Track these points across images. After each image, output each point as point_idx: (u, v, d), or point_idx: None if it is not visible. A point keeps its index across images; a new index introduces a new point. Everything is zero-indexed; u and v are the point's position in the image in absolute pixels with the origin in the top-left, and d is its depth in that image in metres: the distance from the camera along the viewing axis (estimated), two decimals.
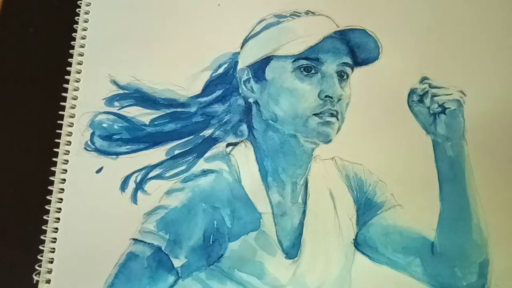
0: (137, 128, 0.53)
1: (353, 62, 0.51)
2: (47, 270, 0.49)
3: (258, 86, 0.52)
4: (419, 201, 0.50)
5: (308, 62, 0.50)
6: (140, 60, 0.56)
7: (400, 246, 0.49)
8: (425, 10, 0.58)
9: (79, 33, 0.58)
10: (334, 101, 0.49)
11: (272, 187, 0.50)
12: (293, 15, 0.53)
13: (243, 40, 0.54)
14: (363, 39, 0.50)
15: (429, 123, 0.50)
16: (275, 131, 0.51)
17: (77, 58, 0.57)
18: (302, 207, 0.51)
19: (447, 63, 0.55)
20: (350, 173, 0.52)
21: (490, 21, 0.57)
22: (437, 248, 0.48)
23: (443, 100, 0.49)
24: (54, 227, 0.51)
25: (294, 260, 0.49)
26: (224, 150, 0.52)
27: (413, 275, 0.48)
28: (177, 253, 0.47)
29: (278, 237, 0.49)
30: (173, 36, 0.58)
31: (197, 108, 0.54)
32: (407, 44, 0.56)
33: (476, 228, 0.48)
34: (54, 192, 0.52)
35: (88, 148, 0.53)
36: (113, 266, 0.47)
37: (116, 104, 0.54)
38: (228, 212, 0.48)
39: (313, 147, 0.51)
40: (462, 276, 0.48)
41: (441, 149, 0.49)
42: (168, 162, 0.52)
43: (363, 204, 0.51)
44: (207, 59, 0.55)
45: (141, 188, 0.51)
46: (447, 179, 0.48)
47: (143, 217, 0.49)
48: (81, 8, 0.59)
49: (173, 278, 0.47)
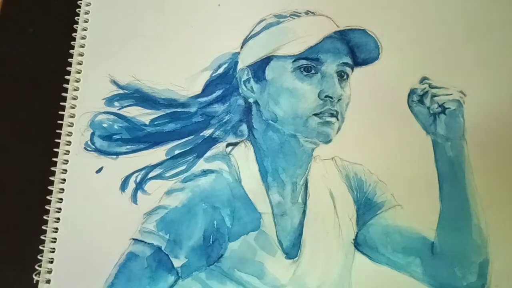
0: (137, 128, 0.53)
1: (353, 62, 0.51)
2: (47, 270, 0.49)
3: (258, 86, 0.52)
4: (419, 201, 0.50)
5: (308, 62, 0.50)
6: (140, 60, 0.56)
7: (400, 246, 0.49)
8: (425, 10, 0.58)
9: (79, 33, 0.58)
10: (334, 101, 0.49)
11: (272, 187, 0.50)
12: (293, 15, 0.53)
13: (243, 40, 0.54)
14: (363, 39, 0.50)
15: (429, 123, 0.50)
16: (275, 131, 0.51)
17: (77, 58, 0.57)
18: (302, 207, 0.51)
19: (447, 63, 0.55)
20: (350, 173, 0.52)
21: (490, 21, 0.57)
22: (437, 248, 0.48)
23: (443, 100, 0.49)
24: (54, 227, 0.51)
25: (294, 260, 0.49)
26: (224, 150, 0.52)
27: (413, 275, 0.48)
28: (177, 253, 0.47)
29: (278, 237, 0.49)
30: (173, 36, 0.57)
31: (197, 108, 0.54)
32: (407, 44, 0.56)
33: (476, 228, 0.48)
34: (54, 192, 0.52)
35: (88, 148, 0.53)
36: (113, 266, 0.47)
37: (116, 104, 0.54)
38: (228, 212, 0.48)
39: (313, 147, 0.51)
40: (462, 276, 0.48)
41: (441, 149, 0.49)
42: (168, 162, 0.52)
43: (363, 204, 0.51)
44: (207, 59, 0.55)
45: (141, 188, 0.51)
46: (447, 179, 0.48)
47: (143, 217, 0.49)
48: (81, 8, 0.59)
49: (173, 278, 0.46)
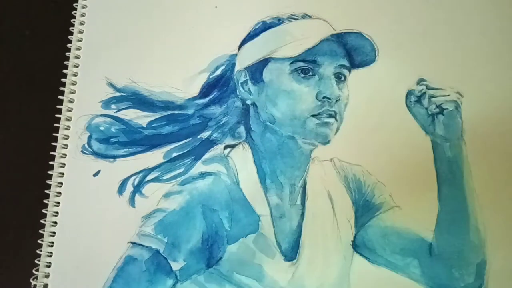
0: (134, 131, 0.53)
1: (350, 64, 0.51)
2: (44, 274, 0.49)
3: (256, 88, 0.52)
4: (418, 202, 0.50)
5: (306, 64, 0.50)
6: (137, 62, 0.56)
7: (398, 247, 0.49)
8: (421, 13, 0.58)
9: (76, 35, 0.58)
10: (332, 102, 0.49)
11: (270, 189, 0.50)
12: (290, 18, 0.53)
13: (240, 42, 0.54)
14: (360, 42, 0.50)
15: (427, 124, 0.50)
16: (273, 133, 0.51)
17: (74, 61, 0.57)
18: (300, 209, 0.51)
19: (443, 65, 0.55)
20: (348, 174, 0.52)
21: (486, 23, 0.57)
22: (435, 249, 0.48)
23: (441, 101, 0.49)
24: (51, 231, 0.50)
25: (293, 262, 0.49)
26: (222, 152, 0.52)
27: (411, 276, 0.48)
28: (175, 256, 0.47)
29: (276, 239, 0.49)
30: (170, 38, 0.57)
31: (194, 110, 0.54)
32: (404, 47, 0.56)
33: (474, 229, 0.48)
34: (51, 196, 0.51)
35: (85, 151, 0.53)
36: (111, 269, 0.47)
37: (113, 106, 0.54)
38: (226, 215, 0.48)
39: (311, 149, 0.51)
40: (459, 277, 0.48)
41: (440, 150, 0.49)
42: (166, 165, 0.52)
43: (362, 206, 0.51)
44: (204, 61, 0.55)
45: (139, 191, 0.51)
46: (445, 180, 0.48)
47: (141, 220, 0.49)
48: (77, 11, 0.59)
49: (172, 281, 0.46)
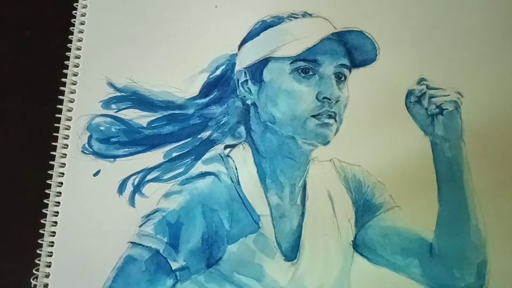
0: (134, 131, 0.53)
1: (351, 63, 0.51)
2: (44, 274, 0.49)
3: (256, 87, 0.52)
4: (418, 202, 0.50)
5: (306, 63, 0.50)
6: (137, 62, 0.56)
7: (399, 247, 0.49)
8: (422, 12, 0.58)
9: (76, 35, 0.58)
10: (332, 103, 0.49)
11: (270, 189, 0.50)
12: (291, 17, 0.53)
13: (240, 41, 0.54)
14: (360, 40, 0.50)
15: (427, 124, 0.50)
16: (273, 133, 0.51)
17: (74, 61, 0.57)
18: (300, 209, 0.50)
19: (444, 65, 0.55)
20: (348, 174, 0.51)
21: (487, 23, 0.57)
22: (436, 249, 0.48)
23: (441, 101, 0.49)
24: (51, 230, 0.50)
25: (293, 262, 0.49)
26: (222, 152, 0.52)
27: (411, 276, 0.48)
28: (175, 256, 0.47)
29: (277, 239, 0.49)
30: (170, 38, 0.57)
31: (194, 110, 0.54)
32: (405, 46, 0.56)
33: (474, 229, 0.48)
34: (52, 196, 0.51)
35: (86, 151, 0.53)
36: (111, 269, 0.47)
37: (113, 106, 0.54)
38: (226, 215, 0.48)
39: (311, 149, 0.51)
40: (460, 277, 0.48)
41: (440, 150, 0.49)
42: (166, 165, 0.52)
43: (362, 206, 0.51)
44: (204, 61, 0.55)
45: (138, 191, 0.51)
46: (445, 180, 0.48)
47: (141, 220, 0.49)
48: (77, 11, 0.59)
49: (172, 281, 0.46)
